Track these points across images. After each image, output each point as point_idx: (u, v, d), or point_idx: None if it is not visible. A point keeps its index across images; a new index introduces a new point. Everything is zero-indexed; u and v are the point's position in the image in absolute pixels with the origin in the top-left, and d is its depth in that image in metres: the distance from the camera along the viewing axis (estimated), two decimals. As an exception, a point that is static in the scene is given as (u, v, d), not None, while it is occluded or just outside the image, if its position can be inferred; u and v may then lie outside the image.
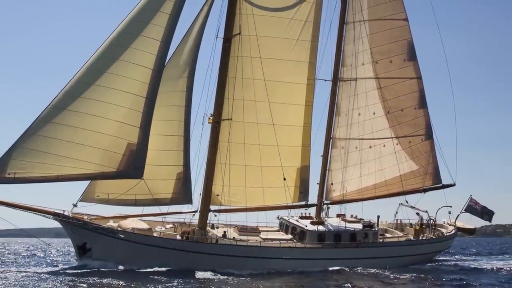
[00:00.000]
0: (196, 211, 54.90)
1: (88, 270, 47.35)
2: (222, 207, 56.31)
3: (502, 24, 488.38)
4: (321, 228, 56.20)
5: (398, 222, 64.27)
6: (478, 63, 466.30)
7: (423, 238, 61.11)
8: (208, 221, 55.28)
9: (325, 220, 59.59)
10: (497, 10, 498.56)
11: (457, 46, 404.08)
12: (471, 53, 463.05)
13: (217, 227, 55.76)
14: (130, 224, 51.51)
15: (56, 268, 52.29)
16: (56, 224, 50.83)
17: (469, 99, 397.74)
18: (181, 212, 55.15)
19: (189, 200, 54.32)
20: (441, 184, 62.91)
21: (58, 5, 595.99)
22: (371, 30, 62.86)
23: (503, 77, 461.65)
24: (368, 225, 58.03)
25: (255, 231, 56.26)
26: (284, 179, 56.77)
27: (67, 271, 48.10)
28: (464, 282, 42.60)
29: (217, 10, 55.24)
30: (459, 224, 64.93)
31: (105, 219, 52.80)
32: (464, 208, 63.41)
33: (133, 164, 48.81)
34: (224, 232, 53.80)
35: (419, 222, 62.69)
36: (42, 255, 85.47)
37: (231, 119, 55.51)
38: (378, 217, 61.52)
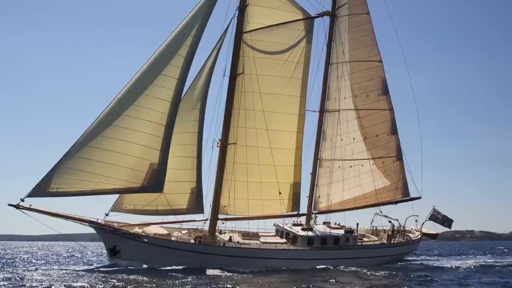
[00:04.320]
0: (207, 219, 55.05)
1: (118, 268, 47.43)
2: (228, 216, 56.34)
3: (458, 65, 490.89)
4: (310, 233, 56.21)
5: (374, 228, 64.25)
6: (439, 97, 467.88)
7: (395, 241, 61.12)
8: (216, 228, 55.35)
9: (314, 227, 59.55)
10: (455, 54, 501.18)
11: (422, 83, 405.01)
12: (434, 89, 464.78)
13: (224, 233, 55.79)
14: (152, 230, 51.76)
15: (91, 267, 52.30)
16: (91, 230, 50.88)
17: (432, 127, 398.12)
18: (194, 220, 55.28)
19: (201, 210, 54.41)
20: (409, 197, 62.65)
21: (96, 51, 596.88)
22: (352, 69, 62.92)
23: (459, 109, 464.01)
24: (349, 231, 58.04)
25: (255, 236, 56.33)
26: (280, 193, 56.90)
27: (100, 269, 48.19)
28: (428, 278, 42.50)
29: (224, 54, 55.61)
30: (424, 230, 64.80)
31: (131, 226, 52.86)
32: (428, 217, 63.35)
33: (154, 181, 48.95)
34: (230, 237, 53.86)
35: (391, 228, 62.70)
36: (79, 255, 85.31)
37: (235, 143, 55.73)
38: (357, 224, 61.51)
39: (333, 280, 40.63)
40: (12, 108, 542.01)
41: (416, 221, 64.33)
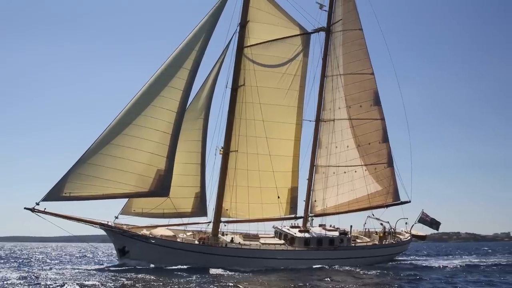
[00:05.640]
0: (210, 222, 54.99)
1: (127, 267, 47.46)
2: (230, 219, 56.32)
3: (445, 77, 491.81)
4: (307, 235, 56.20)
5: (366, 230, 64.18)
6: (427, 107, 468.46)
7: (386, 243, 61.16)
8: (219, 230, 55.37)
9: (310, 229, 59.52)
10: (441, 67, 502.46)
11: (412, 94, 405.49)
12: (422, 100, 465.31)
13: (226, 234, 55.67)
14: (159, 232, 51.85)
15: (102, 266, 52.27)
16: (102, 232, 50.90)
17: (421, 135, 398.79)
18: (198, 223, 55.25)
19: (204, 214, 54.42)
20: (399, 201, 62.66)
21: (106, 64, 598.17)
22: (346, 82, 63.05)
23: (446, 118, 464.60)
24: (343, 233, 57.98)
25: (255, 237, 56.34)
26: (278, 197, 56.93)
27: (110, 268, 48.23)
28: (418, 277, 42.50)
29: (226, 67, 55.77)
30: (414, 232, 64.98)
31: (139, 228, 52.88)
32: (417, 220, 63.54)
33: (161, 186, 49.04)
34: (232, 238, 53.84)
35: (382, 230, 62.76)
36: (91, 256, 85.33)
37: (237, 151, 55.82)
38: (351, 226, 61.27)
39: (328, 279, 40.56)
40: (27, 118, 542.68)
41: (406, 223, 64.68)
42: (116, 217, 51.83)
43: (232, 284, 35.78)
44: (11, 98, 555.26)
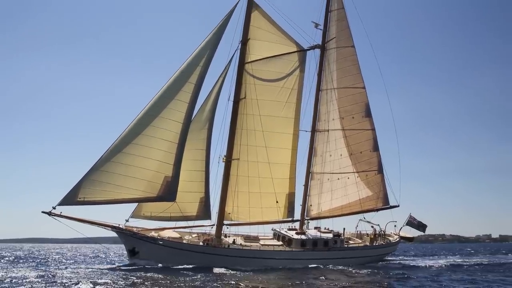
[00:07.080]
0: (213, 225, 55.11)
1: (136, 267, 47.50)
2: (232, 222, 56.42)
3: (431, 91, 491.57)
4: (303, 237, 56.21)
5: (358, 232, 64.18)
6: (414, 119, 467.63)
7: (376, 244, 61.19)
8: (222, 232, 55.37)
9: (306, 231, 59.50)
10: (428, 81, 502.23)
11: (400, 107, 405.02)
12: (410, 112, 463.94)
13: (229, 236, 55.70)
14: (166, 234, 51.82)
15: (114, 266, 52.24)
16: (113, 234, 50.97)
17: (409, 144, 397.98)
18: (202, 225, 55.31)
19: (208, 217, 54.46)
20: (389, 205, 62.67)
21: (116, 78, 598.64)
22: (339, 95, 63.18)
23: (432, 128, 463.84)
24: (337, 235, 58.04)
25: (256, 239, 56.33)
26: (277, 202, 57.09)
27: (121, 267, 48.24)
28: (406, 276, 42.55)
29: (228, 81, 55.96)
30: (402, 234, 64.91)
31: (148, 230, 52.90)
32: (405, 223, 63.53)
33: (168, 191, 49.22)
34: (234, 239, 53.89)
35: (373, 232, 62.82)
36: (103, 256, 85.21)
37: (238, 159, 55.98)
38: (344, 229, 61.33)
39: (323, 278, 40.58)
40: (45, 130, 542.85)
41: (395, 226, 64.67)
42: (127, 220, 52.07)
43: (234, 283, 35.84)
44: (32, 111, 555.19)
